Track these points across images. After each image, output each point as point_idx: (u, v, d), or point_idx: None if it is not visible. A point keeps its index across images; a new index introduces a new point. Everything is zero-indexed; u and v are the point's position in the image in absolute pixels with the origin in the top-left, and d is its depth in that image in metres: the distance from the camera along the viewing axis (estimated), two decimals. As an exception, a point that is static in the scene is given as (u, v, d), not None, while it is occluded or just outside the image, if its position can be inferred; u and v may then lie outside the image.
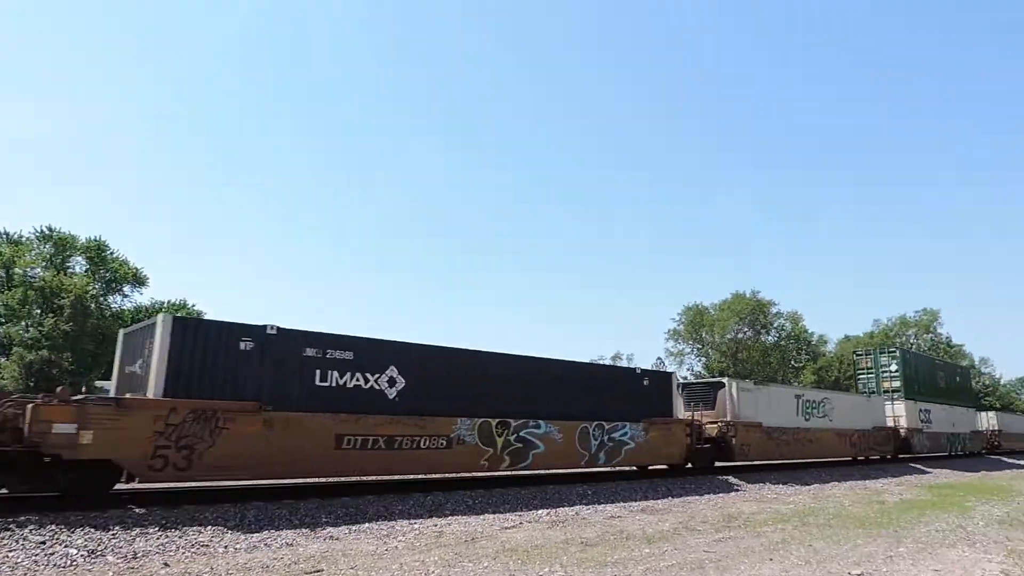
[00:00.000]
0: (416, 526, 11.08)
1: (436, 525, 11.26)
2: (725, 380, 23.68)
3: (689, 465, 21.22)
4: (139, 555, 8.21)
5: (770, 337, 72.03)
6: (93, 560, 7.94)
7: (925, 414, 35.19)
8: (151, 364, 11.39)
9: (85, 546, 8.42)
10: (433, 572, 7.65)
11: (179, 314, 42.44)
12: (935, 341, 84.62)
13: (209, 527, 9.98)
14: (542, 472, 18.17)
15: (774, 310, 71.55)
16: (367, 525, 10.96)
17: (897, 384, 34.48)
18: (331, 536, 10.05)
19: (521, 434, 16.30)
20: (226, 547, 8.94)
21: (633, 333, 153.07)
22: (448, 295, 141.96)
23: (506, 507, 13.44)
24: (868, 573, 7.89)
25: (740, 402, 22.94)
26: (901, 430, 33.02)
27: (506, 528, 11.24)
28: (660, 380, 21.12)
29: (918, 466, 30.44)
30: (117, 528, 9.38)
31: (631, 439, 19.01)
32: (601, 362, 61.63)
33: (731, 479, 20.43)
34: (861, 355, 38.24)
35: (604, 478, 18.61)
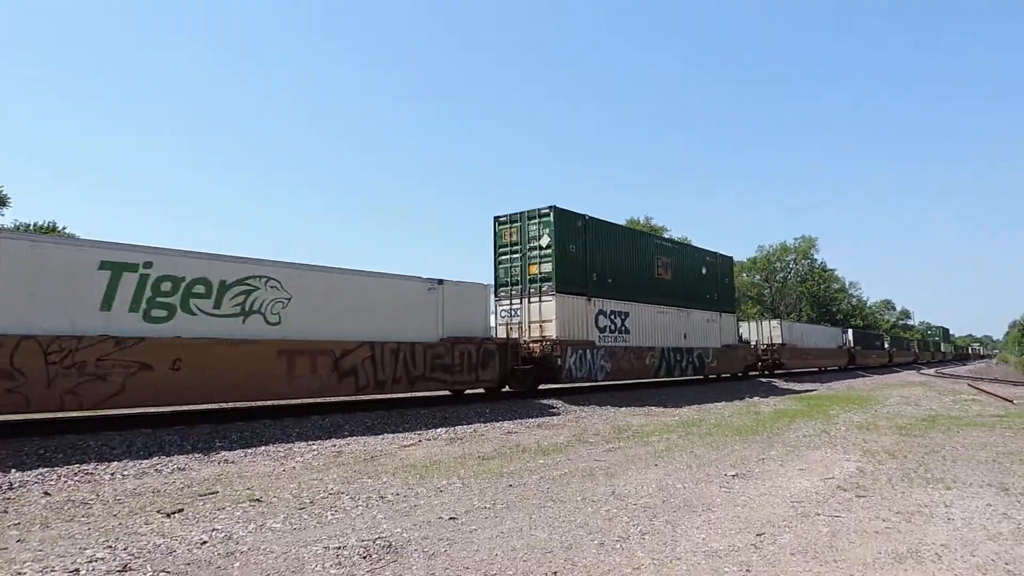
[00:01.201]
0: (314, 447, 11.05)
1: (335, 445, 11.27)
2: None
3: None
4: (15, 485, 7.81)
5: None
6: (-37, 492, 7.49)
7: (613, 320, 23.03)
8: None
9: (-47, 478, 7.93)
10: (332, 489, 7.69)
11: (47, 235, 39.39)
12: (811, 266, 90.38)
13: (93, 455, 9.60)
14: (439, 393, 18.20)
15: (666, 235, 73.99)
16: (264, 448, 10.84)
17: (548, 268, 20.54)
18: (226, 460, 9.89)
19: None
20: (112, 474, 8.63)
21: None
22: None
23: (405, 427, 13.59)
24: (742, 474, 8.54)
25: None
26: (534, 344, 19.90)
27: (405, 446, 11.39)
28: None
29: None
30: (-11, 459, 8.87)
31: None
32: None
33: None
34: (505, 223, 21.88)
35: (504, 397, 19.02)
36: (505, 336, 19.64)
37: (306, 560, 5.01)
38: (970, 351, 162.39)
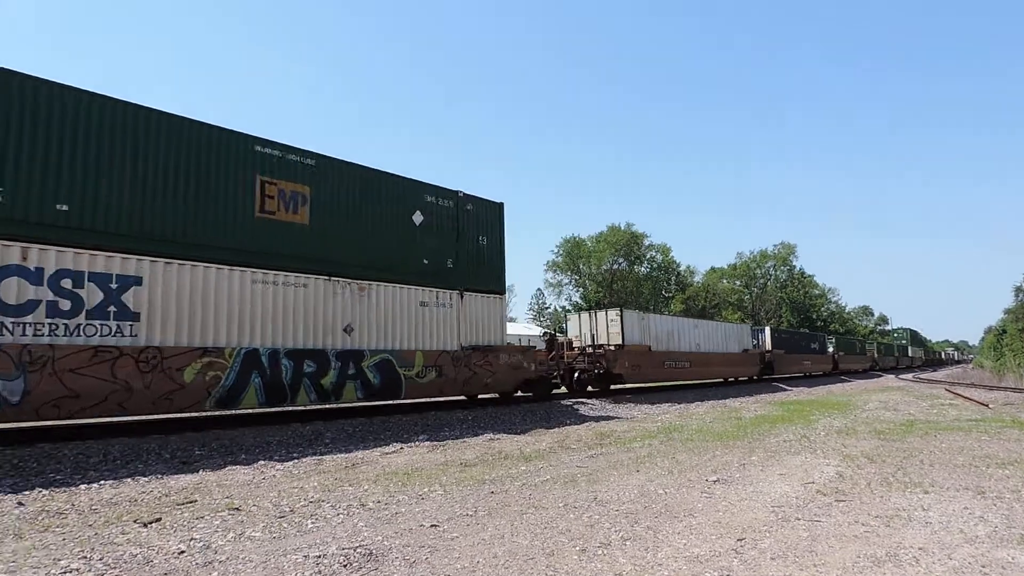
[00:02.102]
0: (294, 455, 10.96)
1: (316, 453, 11.19)
2: None
3: None
4: (-12, 495, 7.67)
5: (643, 268, 75.06)
6: (-66, 503, 7.33)
7: (61, 289, 10.91)
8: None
9: (-76, 489, 7.75)
10: (312, 497, 7.62)
11: None
12: (791, 272, 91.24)
13: (69, 464, 9.45)
14: (423, 400, 18.03)
15: (647, 242, 74.40)
16: (243, 456, 10.74)
17: None
18: (205, 468, 9.78)
19: None
20: (89, 483, 8.50)
21: (515, 265, 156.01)
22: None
23: (387, 435, 13.52)
24: (723, 479, 8.57)
25: None
26: None
27: (387, 453, 11.33)
28: None
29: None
30: (-39, 469, 8.69)
31: None
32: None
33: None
34: None
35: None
36: None
37: (286, 569, 4.95)
38: (943, 356, 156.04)
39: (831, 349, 55.68)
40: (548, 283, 75.42)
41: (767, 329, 43.29)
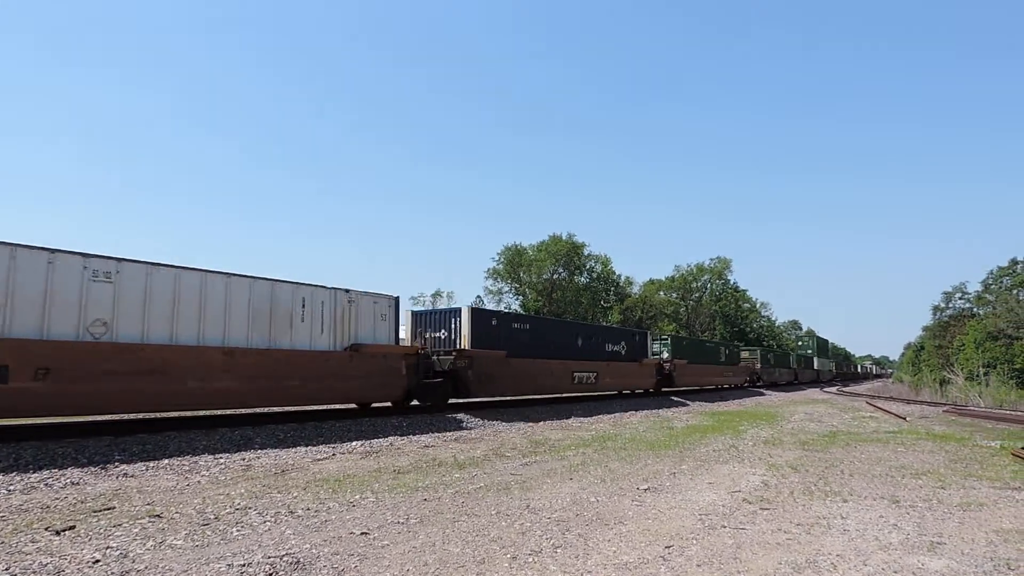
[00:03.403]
0: (222, 460, 10.64)
1: (244, 459, 10.89)
2: None
3: None
4: None
5: (582, 278, 75.81)
6: None
7: None
8: None
9: None
10: (239, 504, 7.41)
11: None
12: (725, 286, 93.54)
13: (-24, 469, 8.96)
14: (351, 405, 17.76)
15: (587, 252, 75.19)
16: (167, 461, 10.37)
17: None
18: (125, 473, 9.40)
19: None
20: (-3, 489, 8.07)
21: (455, 272, 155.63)
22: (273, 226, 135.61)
23: (319, 440, 13.27)
24: (654, 487, 8.71)
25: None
26: None
27: (318, 460, 11.11)
28: None
29: None
30: None
31: None
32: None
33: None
34: None
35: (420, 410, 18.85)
36: None
37: (207, 578, 4.80)
38: (860, 369, 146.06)
39: (666, 354, 35.38)
40: (488, 291, 75.41)
41: (464, 309, 21.22)
